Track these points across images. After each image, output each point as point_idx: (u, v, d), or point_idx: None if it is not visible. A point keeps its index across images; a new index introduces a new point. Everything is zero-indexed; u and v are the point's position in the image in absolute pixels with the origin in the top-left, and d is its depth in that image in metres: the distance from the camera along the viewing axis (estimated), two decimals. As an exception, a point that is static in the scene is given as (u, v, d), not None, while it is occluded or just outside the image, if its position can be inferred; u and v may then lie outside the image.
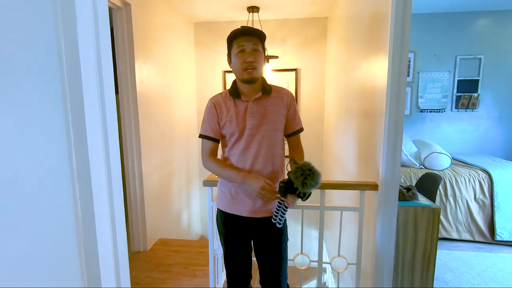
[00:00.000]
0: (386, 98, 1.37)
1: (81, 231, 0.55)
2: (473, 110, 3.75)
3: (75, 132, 0.52)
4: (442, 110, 3.79)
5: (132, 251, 2.60)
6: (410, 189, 1.72)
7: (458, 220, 2.88)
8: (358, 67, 2.02)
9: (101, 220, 0.56)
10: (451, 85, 3.75)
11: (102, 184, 0.56)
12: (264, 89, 1.30)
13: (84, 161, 0.53)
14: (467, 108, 3.76)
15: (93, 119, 0.54)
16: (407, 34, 1.30)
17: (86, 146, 0.52)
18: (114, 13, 2.28)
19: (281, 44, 3.64)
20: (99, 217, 0.55)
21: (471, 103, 3.74)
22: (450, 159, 2.97)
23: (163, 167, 2.94)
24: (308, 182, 1.14)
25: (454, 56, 3.70)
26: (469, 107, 3.75)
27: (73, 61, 0.50)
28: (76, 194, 0.54)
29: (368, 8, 1.78)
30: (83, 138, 0.52)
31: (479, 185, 2.84)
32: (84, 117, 0.52)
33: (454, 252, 2.70)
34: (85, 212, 0.54)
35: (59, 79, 0.50)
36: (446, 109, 3.79)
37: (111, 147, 0.57)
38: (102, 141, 0.56)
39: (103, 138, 0.56)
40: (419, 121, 3.85)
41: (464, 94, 3.74)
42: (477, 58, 3.67)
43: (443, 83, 3.75)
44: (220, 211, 1.39)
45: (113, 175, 0.58)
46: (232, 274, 1.41)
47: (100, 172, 0.56)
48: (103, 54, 0.55)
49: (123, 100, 2.40)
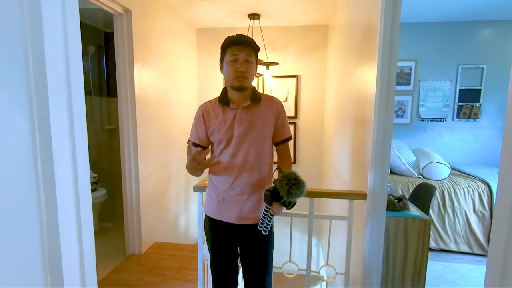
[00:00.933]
0: (375, 107, 1.37)
1: (45, 235, 0.56)
2: (475, 120, 3.71)
3: (41, 138, 0.54)
4: (443, 119, 3.76)
5: (127, 253, 2.61)
6: (401, 199, 1.70)
7: (456, 231, 2.83)
8: (353, 75, 2.02)
9: (65, 224, 0.57)
10: (453, 94, 3.72)
11: (68, 189, 0.58)
12: (253, 97, 1.31)
13: (49, 166, 0.54)
14: (469, 118, 3.72)
15: (59, 125, 0.55)
16: (396, 43, 1.30)
17: (51, 153, 0.54)
18: (115, 19, 2.34)
19: (282, 51, 3.67)
20: (63, 221, 0.57)
21: (473, 112, 3.70)
22: (449, 169, 2.93)
23: (161, 171, 2.96)
24: (293, 192, 1.14)
25: (456, 65, 3.68)
26: (471, 116, 3.71)
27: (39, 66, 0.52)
28: (41, 198, 0.55)
29: (362, 17, 1.79)
30: (48, 144, 0.53)
31: (478, 197, 2.79)
32: (49, 123, 0.53)
33: (451, 264, 2.65)
34: (49, 216, 0.56)
35: (25, 84, 0.52)
36: (448, 118, 3.75)
37: (78, 152, 0.59)
38: (69, 146, 0.58)
39: (70, 143, 0.58)
40: (419, 130, 3.82)
41: (466, 104, 3.70)
42: (480, 68, 3.64)
43: (444, 92, 3.72)
44: (208, 217, 1.40)
45: (80, 179, 0.59)
46: (218, 280, 1.41)
47: (66, 177, 0.57)
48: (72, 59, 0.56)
49: (121, 104, 2.44)
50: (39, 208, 0.55)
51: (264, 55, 3.44)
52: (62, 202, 0.56)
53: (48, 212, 0.56)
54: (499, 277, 0.55)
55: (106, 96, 3.58)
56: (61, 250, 0.56)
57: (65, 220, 0.57)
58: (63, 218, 0.57)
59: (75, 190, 0.59)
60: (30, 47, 0.52)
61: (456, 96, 3.71)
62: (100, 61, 3.51)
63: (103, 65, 3.53)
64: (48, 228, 0.56)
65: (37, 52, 0.52)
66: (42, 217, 0.55)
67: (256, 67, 1.32)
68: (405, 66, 3.73)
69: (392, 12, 1.27)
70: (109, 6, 2.15)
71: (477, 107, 3.68)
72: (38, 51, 0.52)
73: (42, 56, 0.52)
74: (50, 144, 0.53)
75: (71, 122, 0.57)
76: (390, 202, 1.63)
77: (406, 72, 3.75)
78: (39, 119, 0.53)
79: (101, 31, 3.42)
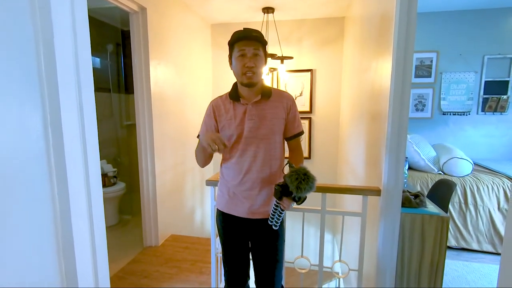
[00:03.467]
0: (390, 100, 1.32)
1: (58, 224, 0.59)
2: (502, 113, 3.52)
3: (53, 132, 0.56)
4: (467, 113, 3.59)
5: (144, 245, 2.70)
6: (418, 195, 1.65)
7: (479, 230, 2.72)
8: (369, 68, 1.97)
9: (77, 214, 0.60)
10: (478, 87, 3.54)
11: (79, 181, 0.60)
12: (264, 93, 1.31)
13: (61, 158, 0.57)
14: (495, 111, 3.53)
15: (70, 120, 0.58)
16: (412, 33, 1.25)
17: (62, 145, 0.56)
18: (131, 16, 2.38)
19: (297, 45, 3.62)
20: (75, 210, 0.59)
21: (500, 105, 3.51)
22: (471, 165, 2.81)
23: (177, 166, 3.02)
24: (302, 187, 1.13)
25: (482, 56, 3.49)
26: (497, 110, 3.52)
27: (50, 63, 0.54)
28: (54, 189, 0.58)
29: (378, 7, 1.73)
30: (59, 137, 0.56)
31: (504, 194, 2.66)
32: (60, 118, 0.55)
33: (472, 264, 2.55)
34: (62, 206, 0.58)
35: (37, 80, 0.54)
36: (472, 112, 3.58)
37: (89, 146, 0.61)
38: (80, 140, 0.60)
39: (80, 137, 0.60)
40: (441, 125, 3.67)
41: (492, 96, 3.51)
42: (508, 58, 3.44)
43: (468, 85, 3.55)
44: (219, 211, 1.41)
45: (90, 170, 0.62)
46: (230, 273, 1.43)
47: (77, 168, 0.60)
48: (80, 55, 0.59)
49: (137, 100, 2.50)
50: (53, 198, 0.58)
51: (278, 49, 3.41)
52: (74, 192, 0.59)
53: (61, 202, 0.58)
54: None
55: (124, 93, 3.68)
56: (74, 239, 0.59)
57: (76, 209, 0.60)
58: (75, 208, 0.59)
59: (86, 181, 0.61)
60: (41, 44, 0.54)
61: (481, 89, 3.53)
62: (118, 59, 3.60)
63: (121, 63, 3.62)
64: (62, 217, 0.59)
65: (47, 49, 0.54)
66: (56, 207, 0.58)
67: (265, 60, 1.31)
68: (426, 57, 3.59)
69: (408, 1, 1.22)
70: (124, 4, 2.20)
71: (504, 99, 3.48)
72: (48, 48, 0.54)
73: (52, 52, 0.54)
74: (61, 137, 0.56)
75: (81, 116, 0.60)
76: (406, 199, 1.59)
77: (426, 64, 3.60)
78: (51, 113, 0.56)
79: (119, 29, 3.50)
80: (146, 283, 2.16)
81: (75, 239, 0.59)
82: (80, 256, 0.61)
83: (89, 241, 0.63)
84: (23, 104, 0.52)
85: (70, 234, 0.59)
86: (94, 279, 0.65)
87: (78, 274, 0.60)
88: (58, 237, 0.59)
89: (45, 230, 0.57)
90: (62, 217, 0.59)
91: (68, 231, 0.59)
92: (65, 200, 0.58)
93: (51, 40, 0.54)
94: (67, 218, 0.59)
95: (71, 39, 0.57)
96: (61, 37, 0.55)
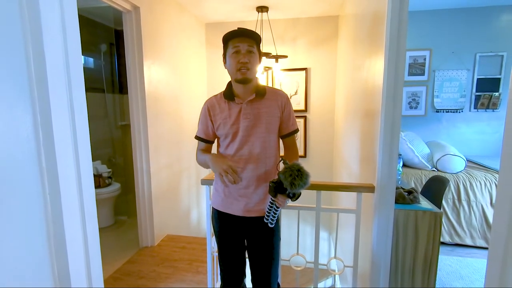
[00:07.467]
0: (382, 98, 1.34)
1: (50, 224, 0.58)
2: (494, 110, 3.56)
3: (44, 132, 0.56)
4: (459, 110, 3.63)
5: (140, 246, 2.69)
6: (411, 192, 1.67)
7: (472, 225, 2.75)
8: (362, 66, 1.98)
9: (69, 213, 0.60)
10: (470, 84, 3.58)
11: (71, 181, 0.60)
12: (258, 91, 1.31)
13: (52, 160, 0.56)
14: (487, 108, 3.58)
15: (61, 120, 0.58)
16: (404, 31, 1.26)
17: (53, 145, 0.56)
18: (124, 16, 2.37)
19: (292, 43, 3.63)
20: (67, 210, 0.59)
21: (492, 102, 3.55)
22: (464, 161, 2.84)
23: (172, 165, 3.01)
24: (296, 183, 1.13)
25: (474, 54, 3.53)
26: (489, 107, 3.57)
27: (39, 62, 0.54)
28: (46, 189, 0.58)
29: (371, 6, 1.75)
30: (50, 137, 0.56)
31: (496, 190, 2.69)
32: (51, 118, 0.55)
33: (466, 259, 2.58)
34: (54, 206, 0.58)
35: (27, 80, 0.54)
36: (464, 109, 3.62)
37: (80, 146, 0.61)
38: (71, 140, 0.60)
39: (72, 137, 0.60)
40: (434, 122, 3.71)
41: (484, 94, 3.56)
42: (499, 56, 3.49)
43: (461, 82, 3.59)
44: (215, 209, 1.42)
45: (82, 170, 0.62)
46: (226, 272, 1.43)
47: (69, 169, 0.60)
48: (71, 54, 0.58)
49: (132, 100, 2.48)
50: (44, 198, 0.57)
51: (273, 48, 3.41)
52: (65, 192, 0.59)
53: (53, 202, 0.58)
54: (499, 275, 0.53)
55: (118, 93, 3.66)
56: (66, 239, 0.59)
57: (69, 209, 0.60)
58: (67, 208, 0.59)
59: (78, 181, 0.61)
60: (30, 44, 0.54)
61: (474, 86, 3.57)
62: (112, 59, 3.58)
63: (115, 63, 3.59)
64: (53, 217, 0.58)
65: (36, 49, 0.54)
66: (47, 207, 0.58)
67: (259, 58, 1.31)
68: (419, 56, 3.62)
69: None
70: (117, 3, 2.19)
71: (496, 96, 3.53)
72: (37, 48, 0.54)
73: (42, 52, 0.54)
74: (52, 137, 0.56)
75: (72, 116, 0.59)
76: (399, 195, 1.60)
77: (420, 62, 3.63)
78: (41, 114, 0.55)
79: (112, 29, 3.48)
80: (143, 284, 2.16)
81: (67, 239, 0.59)
82: (73, 256, 0.61)
83: (81, 241, 0.63)
84: (12, 104, 0.52)
85: (63, 234, 0.59)
86: (87, 279, 0.65)
87: (71, 274, 0.60)
88: (50, 238, 0.59)
89: (37, 230, 0.57)
90: (54, 217, 0.59)
91: (60, 231, 0.59)
92: (57, 200, 0.58)
93: (40, 40, 0.53)
94: (59, 218, 0.59)
95: (60, 39, 0.57)
96: (51, 36, 0.55)
